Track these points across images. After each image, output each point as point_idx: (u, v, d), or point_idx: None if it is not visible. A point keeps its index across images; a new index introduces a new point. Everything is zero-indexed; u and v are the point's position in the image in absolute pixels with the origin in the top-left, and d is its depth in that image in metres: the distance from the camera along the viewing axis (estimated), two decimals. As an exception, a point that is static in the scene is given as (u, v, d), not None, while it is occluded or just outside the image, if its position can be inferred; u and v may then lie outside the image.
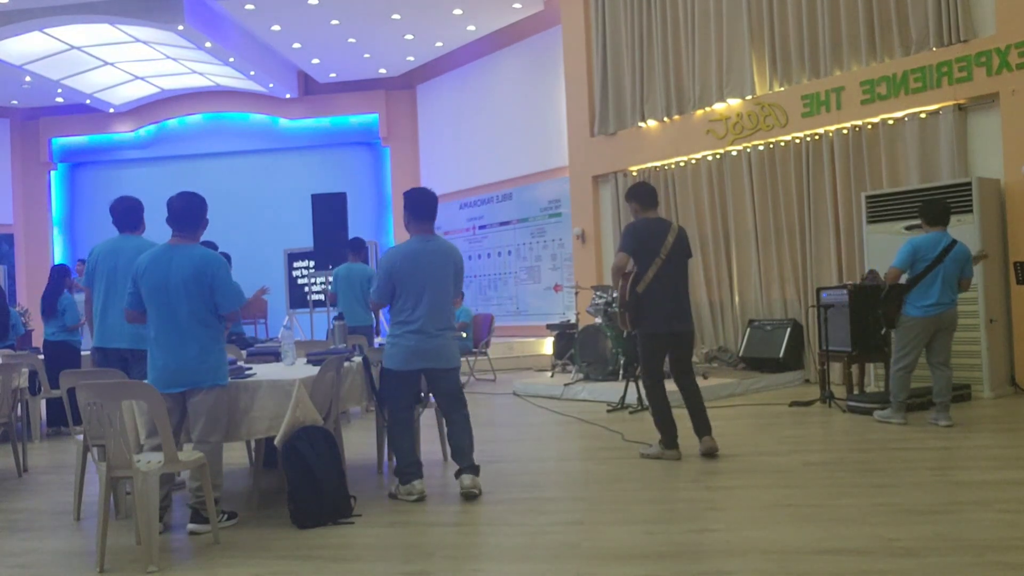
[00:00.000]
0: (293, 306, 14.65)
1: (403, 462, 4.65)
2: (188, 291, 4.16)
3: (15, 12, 12.04)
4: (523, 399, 8.90)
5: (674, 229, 5.39)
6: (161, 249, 4.30)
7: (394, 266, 4.65)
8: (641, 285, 5.29)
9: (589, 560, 3.50)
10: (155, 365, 4.21)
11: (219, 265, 4.27)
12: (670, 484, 4.80)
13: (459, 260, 4.83)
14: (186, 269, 4.18)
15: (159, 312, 4.19)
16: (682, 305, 5.38)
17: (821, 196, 8.95)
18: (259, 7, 12.65)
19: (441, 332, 4.67)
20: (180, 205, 4.32)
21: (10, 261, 16.84)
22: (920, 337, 6.06)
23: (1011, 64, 7.45)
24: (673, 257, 5.33)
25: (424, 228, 4.77)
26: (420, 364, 4.66)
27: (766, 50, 9.39)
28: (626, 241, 5.36)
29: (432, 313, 4.63)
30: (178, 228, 4.32)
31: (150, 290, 4.19)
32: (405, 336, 4.63)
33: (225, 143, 16.94)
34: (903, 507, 4.03)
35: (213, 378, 4.21)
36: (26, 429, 6.85)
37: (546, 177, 13.38)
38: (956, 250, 6.01)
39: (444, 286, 4.69)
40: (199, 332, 4.19)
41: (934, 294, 5.96)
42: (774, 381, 8.77)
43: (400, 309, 4.66)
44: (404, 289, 4.63)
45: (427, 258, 4.67)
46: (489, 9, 13.17)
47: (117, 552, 3.88)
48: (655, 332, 5.35)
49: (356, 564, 3.63)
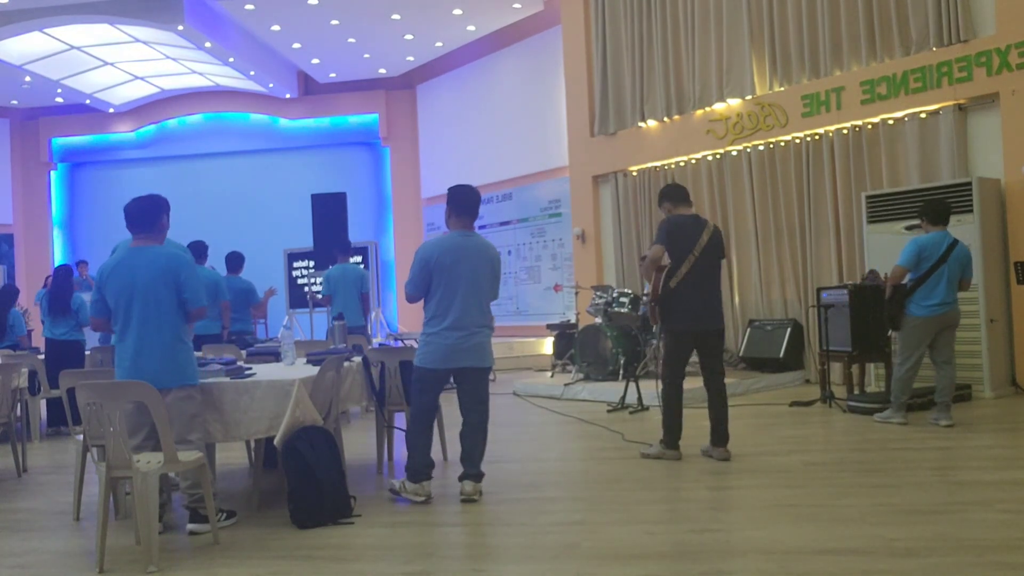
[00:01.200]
0: (293, 306, 14.66)
1: (419, 462, 4.54)
2: (155, 291, 4.13)
3: (15, 12, 12.05)
4: (523, 399, 8.90)
5: (709, 228, 5.35)
6: (124, 253, 4.26)
7: (432, 257, 4.52)
8: (674, 280, 5.25)
9: (589, 560, 3.50)
10: (122, 367, 4.15)
11: (185, 263, 4.26)
12: (670, 484, 4.80)
13: (497, 260, 4.70)
14: (152, 269, 4.14)
15: (126, 315, 4.14)
16: (712, 303, 5.33)
17: (821, 196, 8.95)
18: (259, 7, 12.65)
19: (480, 329, 4.55)
20: (136, 208, 4.26)
21: (10, 261, 16.84)
22: (925, 337, 6.08)
23: (1011, 64, 7.45)
24: (707, 255, 5.29)
25: (465, 224, 4.68)
26: (458, 362, 4.52)
27: (766, 50, 9.39)
28: (661, 235, 5.29)
29: (469, 309, 4.50)
30: (138, 230, 4.27)
31: (116, 293, 4.15)
32: (442, 333, 4.49)
33: (225, 143, 16.95)
34: (903, 507, 4.02)
35: (181, 378, 4.17)
36: (26, 429, 6.84)
37: (546, 177, 13.38)
38: (958, 250, 6.04)
39: (482, 283, 4.56)
40: (166, 333, 4.15)
41: (939, 294, 5.98)
42: (774, 381, 8.77)
43: (437, 303, 4.52)
44: (441, 282, 4.50)
45: (467, 253, 4.54)
46: (489, 9, 13.17)
47: (117, 552, 3.88)
48: (682, 329, 5.31)
49: (356, 564, 3.63)
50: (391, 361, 5.46)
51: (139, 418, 4.03)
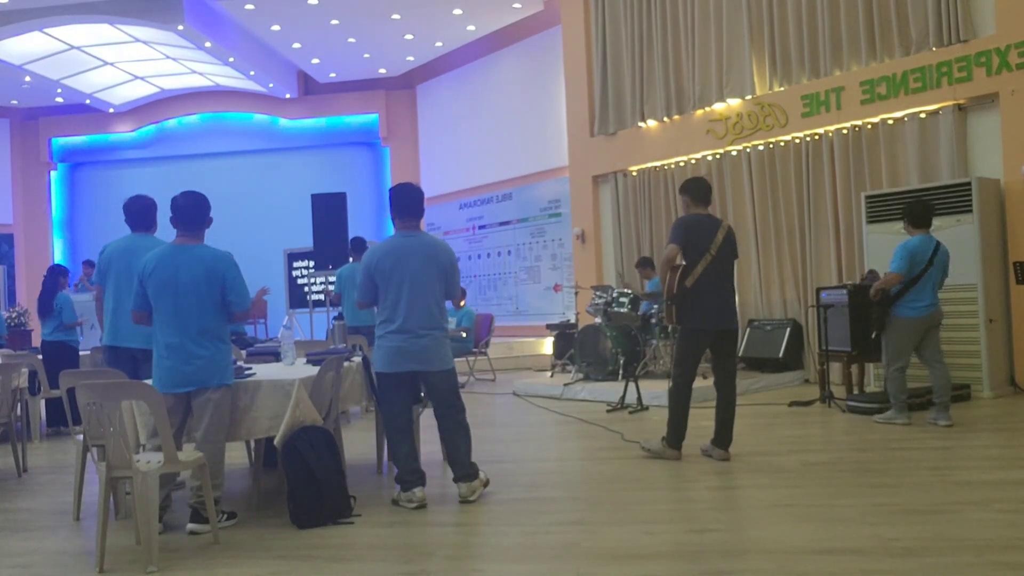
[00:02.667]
0: (293, 306, 14.66)
1: (402, 469, 4.51)
2: (199, 291, 4.16)
3: (15, 12, 12.05)
4: (523, 399, 8.90)
5: (724, 227, 5.34)
6: (168, 249, 4.28)
7: (372, 263, 4.50)
8: (690, 280, 5.22)
9: (589, 560, 3.50)
10: (161, 365, 4.19)
11: (230, 264, 4.28)
12: (670, 484, 4.80)
13: (447, 257, 4.58)
14: (197, 269, 4.17)
15: (167, 312, 4.17)
16: (728, 303, 5.31)
17: (821, 196, 8.95)
18: (259, 7, 12.65)
19: (428, 332, 4.45)
20: (185, 204, 4.30)
21: (10, 261, 16.84)
22: (915, 337, 6.20)
23: (1011, 64, 7.45)
24: (722, 255, 5.28)
25: (408, 224, 4.60)
26: (407, 366, 4.45)
27: (766, 50, 9.39)
28: (676, 234, 5.25)
29: (415, 311, 4.42)
30: (184, 227, 4.31)
31: (158, 289, 4.17)
32: (388, 336, 4.47)
33: (225, 143, 16.95)
34: (903, 507, 4.02)
35: (220, 378, 4.21)
36: (26, 429, 6.85)
37: (546, 177, 13.38)
38: (942, 252, 6.24)
39: (428, 283, 4.47)
40: (208, 332, 4.18)
41: (927, 295, 6.16)
42: (774, 381, 8.77)
43: (382, 308, 4.50)
44: (385, 286, 4.46)
45: (408, 254, 4.47)
46: (489, 9, 13.18)
47: (117, 552, 3.88)
48: (699, 328, 5.27)
49: (356, 564, 3.63)
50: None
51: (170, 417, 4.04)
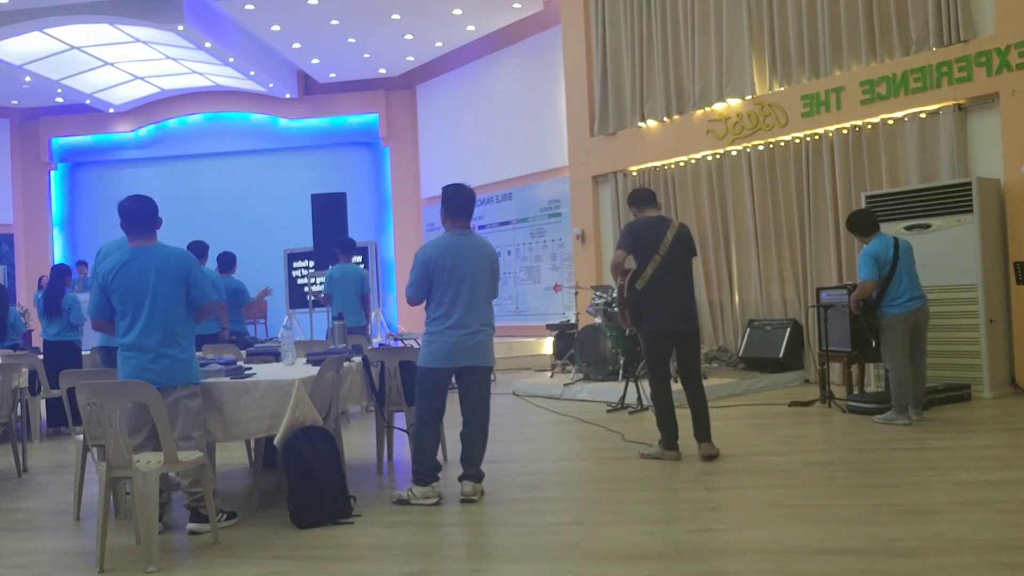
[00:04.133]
0: (293, 306, 14.67)
1: (426, 464, 4.52)
2: (165, 290, 4.15)
3: (15, 12, 12.05)
4: (523, 399, 8.90)
5: (674, 227, 5.37)
6: (127, 253, 4.24)
7: (431, 260, 4.54)
8: (640, 282, 5.28)
9: (589, 560, 3.50)
10: (127, 364, 4.15)
11: (192, 261, 4.31)
12: (670, 484, 4.80)
13: (495, 258, 4.73)
14: (161, 269, 4.16)
15: (134, 314, 4.14)
16: (684, 303, 5.34)
17: (821, 196, 8.95)
18: (259, 7, 12.65)
19: (483, 328, 4.58)
20: (137, 207, 4.26)
21: (10, 261, 16.84)
22: (905, 333, 6.25)
23: (1011, 64, 7.45)
24: (673, 255, 5.30)
25: (461, 223, 4.68)
26: (461, 361, 4.52)
27: (766, 50, 9.39)
28: (624, 239, 5.37)
29: (472, 308, 4.52)
30: (138, 229, 4.26)
31: (124, 295, 4.15)
32: (445, 332, 4.50)
33: (225, 143, 16.95)
34: (903, 507, 4.02)
35: (188, 376, 4.20)
36: (26, 429, 6.84)
37: (546, 177, 13.39)
38: (903, 244, 6.36)
39: (483, 281, 4.59)
40: (175, 331, 4.17)
41: (905, 289, 6.22)
42: (774, 381, 8.77)
43: (438, 304, 4.54)
44: (442, 284, 4.52)
45: (466, 252, 4.56)
46: (489, 9, 13.18)
47: (117, 552, 3.88)
48: (656, 330, 5.33)
49: (356, 564, 3.63)
50: (391, 361, 5.47)
51: (140, 418, 4.04)
